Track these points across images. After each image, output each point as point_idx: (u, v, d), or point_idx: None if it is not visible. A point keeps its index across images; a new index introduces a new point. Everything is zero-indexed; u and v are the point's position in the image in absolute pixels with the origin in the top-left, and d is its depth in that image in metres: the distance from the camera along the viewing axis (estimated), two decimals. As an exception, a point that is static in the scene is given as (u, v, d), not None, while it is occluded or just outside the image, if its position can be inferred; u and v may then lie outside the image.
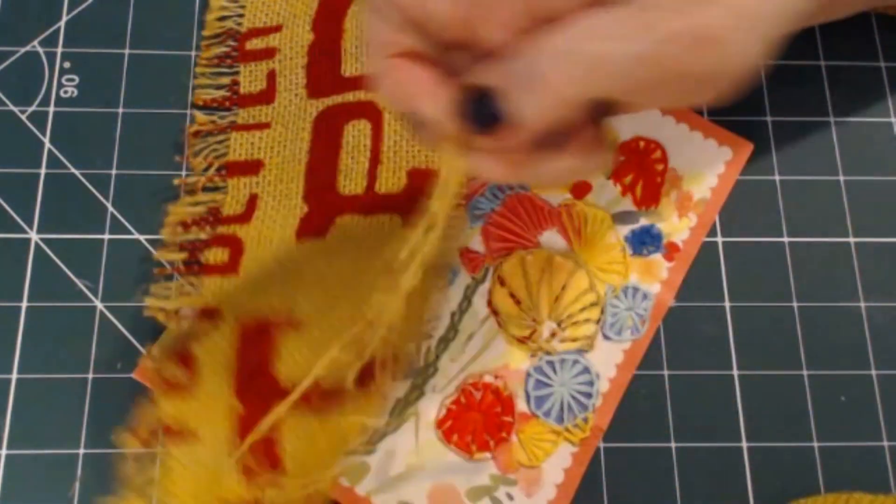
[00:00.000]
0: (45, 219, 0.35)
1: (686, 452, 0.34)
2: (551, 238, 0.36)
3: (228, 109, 0.37)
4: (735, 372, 0.35)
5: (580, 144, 0.24)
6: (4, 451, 0.32)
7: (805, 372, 0.35)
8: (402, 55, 0.24)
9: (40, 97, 0.37)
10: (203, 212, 0.35)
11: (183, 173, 0.36)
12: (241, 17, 0.38)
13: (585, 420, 0.33)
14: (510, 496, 0.32)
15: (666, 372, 0.35)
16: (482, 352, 0.34)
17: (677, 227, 0.36)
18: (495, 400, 0.33)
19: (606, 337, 0.35)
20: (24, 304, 0.34)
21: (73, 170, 0.36)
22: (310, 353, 0.28)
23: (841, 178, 0.38)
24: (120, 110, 0.37)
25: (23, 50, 0.38)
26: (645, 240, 0.36)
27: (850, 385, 0.35)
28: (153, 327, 0.34)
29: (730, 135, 0.37)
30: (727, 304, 0.36)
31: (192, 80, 0.38)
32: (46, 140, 0.36)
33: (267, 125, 0.36)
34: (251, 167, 0.35)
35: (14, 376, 0.33)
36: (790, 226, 0.37)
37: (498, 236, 0.36)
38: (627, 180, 0.37)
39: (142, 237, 0.35)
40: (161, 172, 0.36)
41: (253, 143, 0.36)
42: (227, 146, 0.36)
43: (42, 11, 0.38)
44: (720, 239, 0.37)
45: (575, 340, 0.34)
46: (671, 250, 0.36)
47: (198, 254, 0.34)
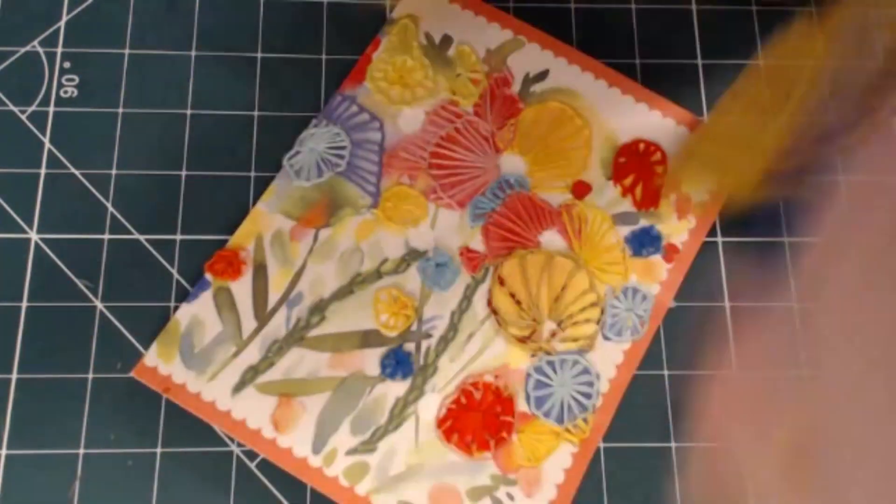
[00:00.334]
0: (45, 219, 0.35)
1: (686, 452, 0.34)
2: (551, 238, 0.36)
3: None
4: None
5: None
6: (4, 451, 0.33)
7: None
8: None
9: (40, 97, 0.37)
10: None
11: (183, 172, 0.36)
12: None
13: (585, 420, 0.33)
14: (510, 496, 0.32)
15: (666, 372, 0.35)
16: (482, 351, 0.34)
17: (677, 229, 0.36)
18: (495, 400, 0.33)
19: (606, 337, 0.35)
20: (24, 304, 0.34)
21: (73, 170, 0.36)
22: None
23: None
24: (120, 110, 0.37)
25: (23, 50, 0.38)
26: (644, 241, 0.36)
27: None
28: (153, 327, 0.34)
29: None
30: (727, 304, 0.36)
31: (192, 80, 0.38)
32: (46, 140, 0.36)
33: None
34: None
35: (14, 376, 0.33)
36: (790, 225, 0.37)
37: (498, 236, 0.36)
38: (628, 182, 0.37)
39: (142, 237, 0.36)
40: (161, 172, 0.36)
41: None
42: None
43: (42, 11, 0.38)
44: (720, 239, 0.37)
45: (575, 340, 0.34)
46: (670, 252, 0.36)
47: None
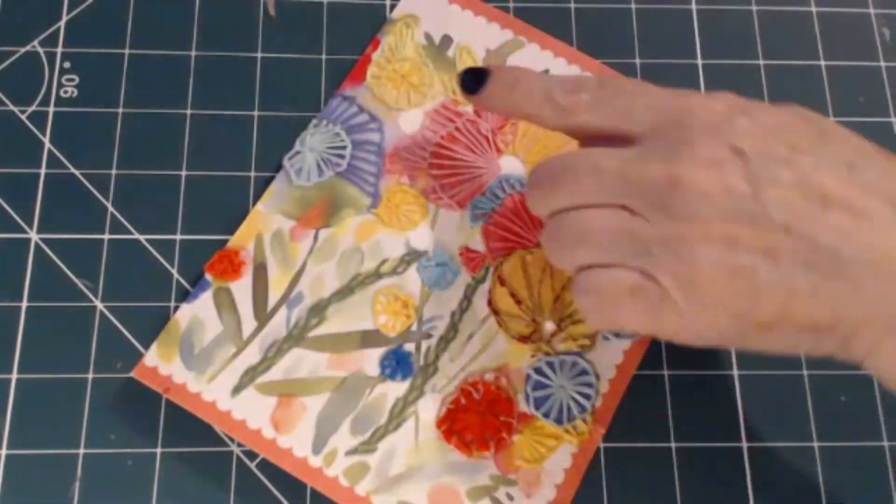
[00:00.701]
0: (45, 219, 0.35)
1: (686, 452, 0.34)
2: None
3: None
4: (735, 372, 0.35)
5: None
6: (4, 451, 0.33)
7: (805, 372, 0.35)
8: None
9: (40, 97, 0.37)
10: None
11: (183, 172, 0.36)
12: None
13: (585, 421, 0.33)
14: (510, 496, 0.32)
15: (666, 372, 0.35)
16: (482, 351, 0.34)
17: None
18: (495, 400, 0.33)
19: (606, 337, 0.35)
20: (24, 304, 0.34)
21: (73, 170, 0.36)
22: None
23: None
24: (120, 110, 0.37)
25: (23, 50, 0.38)
26: None
27: (850, 385, 0.35)
28: (153, 327, 0.34)
29: None
30: None
31: (192, 80, 0.38)
32: (46, 140, 0.36)
33: None
34: None
35: (14, 376, 0.33)
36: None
37: (498, 236, 0.36)
38: None
39: (142, 237, 0.36)
40: (161, 172, 0.36)
41: None
42: None
43: (42, 11, 0.38)
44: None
45: (575, 340, 0.34)
46: None
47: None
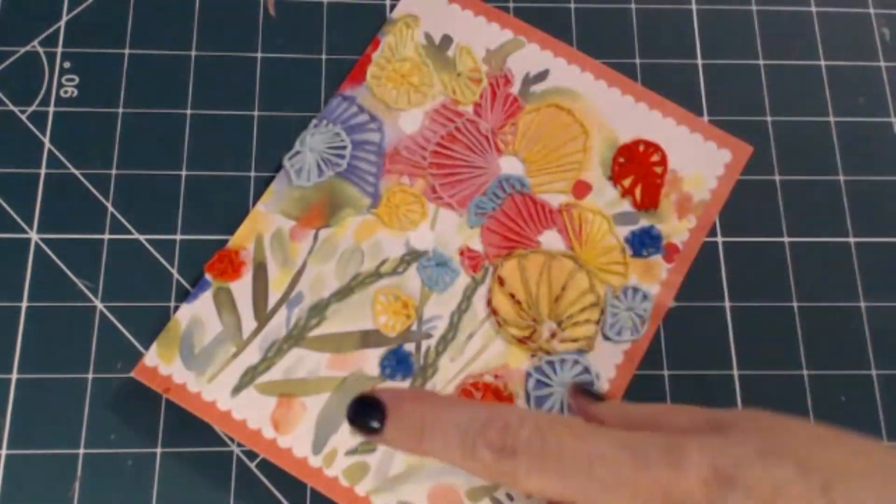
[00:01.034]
0: (45, 219, 0.35)
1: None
2: (551, 238, 0.36)
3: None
4: (735, 372, 0.35)
5: None
6: (4, 451, 0.33)
7: (805, 372, 0.35)
8: None
9: (40, 97, 0.37)
10: None
11: (183, 172, 0.36)
12: None
13: None
14: (510, 497, 0.32)
15: (666, 372, 0.35)
16: (482, 352, 0.34)
17: (677, 229, 0.36)
18: (495, 400, 0.33)
19: (606, 337, 0.35)
20: (24, 304, 0.34)
21: (73, 170, 0.36)
22: None
23: (841, 178, 0.38)
24: (120, 110, 0.37)
25: (23, 50, 0.38)
26: (645, 241, 0.36)
27: (850, 385, 0.35)
28: (153, 327, 0.34)
29: (730, 137, 0.38)
30: (727, 304, 0.36)
31: (192, 80, 0.38)
32: (46, 140, 0.36)
33: None
34: None
35: (14, 376, 0.33)
36: (790, 226, 0.37)
37: (498, 236, 0.36)
38: (627, 182, 0.37)
39: (142, 237, 0.36)
40: (161, 172, 0.36)
41: None
42: None
43: (42, 11, 0.38)
44: (720, 239, 0.37)
45: (575, 341, 0.34)
46: (671, 251, 0.36)
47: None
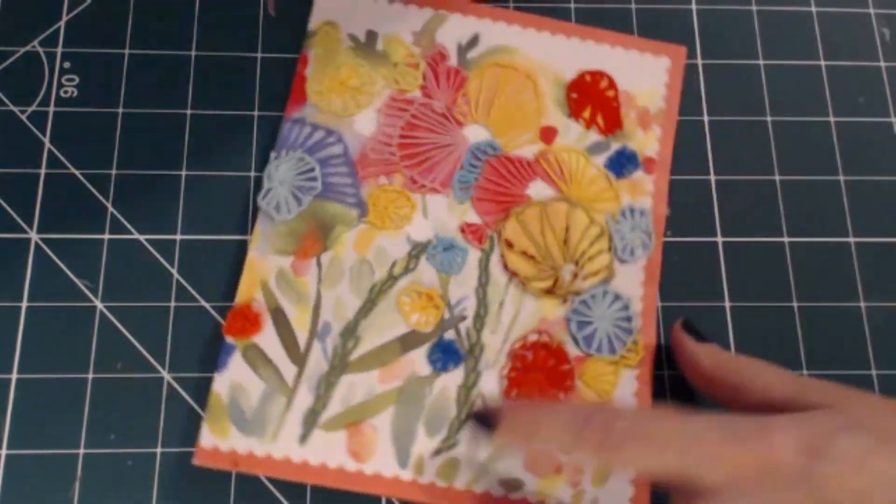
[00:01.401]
0: (45, 219, 0.35)
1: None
2: (539, 188, 0.36)
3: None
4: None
5: None
6: (4, 451, 0.33)
7: (805, 372, 0.35)
8: None
9: (40, 97, 0.37)
10: None
11: (182, 172, 0.36)
12: None
13: (635, 342, 0.34)
14: None
15: (666, 372, 0.35)
16: (517, 315, 0.35)
17: (646, 142, 0.37)
18: (547, 354, 0.34)
19: (622, 260, 0.36)
20: (24, 304, 0.34)
21: (73, 170, 0.36)
22: None
23: (841, 178, 0.38)
24: (120, 110, 0.37)
25: (23, 50, 0.38)
26: (622, 162, 0.37)
27: (851, 385, 0.35)
28: (153, 327, 0.34)
29: (661, 44, 0.39)
30: (727, 305, 0.36)
31: (192, 80, 0.38)
32: (46, 140, 0.36)
33: None
34: None
35: (14, 376, 0.33)
36: (790, 226, 0.37)
37: (490, 203, 0.36)
38: (587, 114, 0.38)
39: (142, 237, 0.36)
40: (161, 172, 0.36)
41: None
42: None
43: (42, 11, 0.38)
44: (720, 239, 0.37)
45: (595, 274, 0.35)
46: (649, 164, 0.37)
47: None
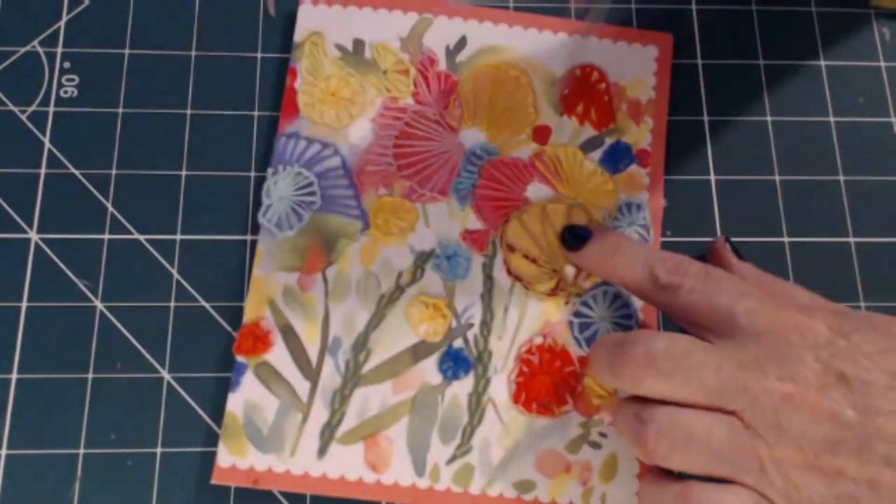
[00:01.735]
0: (45, 219, 0.35)
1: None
2: (537, 190, 0.36)
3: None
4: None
5: None
6: (4, 451, 0.33)
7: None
8: None
9: (40, 97, 0.37)
10: None
11: (182, 172, 0.36)
12: None
13: None
14: (603, 434, 0.34)
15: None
16: (522, 319, 0.35)
17: (639, 134, 0.37)
18: (553, 357, 0.34)
19: None
20: (24, 304, 0.34)
21: (73, 170, 0.36)
22: None
23: (841, 178, 0.38)
24: (120, 110, 0.37)
25: (23, 50, 0.38)
26: (617, 156, 0.37)
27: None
28: (153, 327, 0.34)
29: (649, 33, 0.39)
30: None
31: (192, 80, 0.38)
32: (46, 140, 0.36)
33: None
34: None
35: (14, 376, 0.33)
36: (790, 226, 0.37)
37: (489, 208, 0.36)
38: (579, 110, 0.38)
39: (142, 237, 0.36)
40: (161, 172, 0.36)
41: None
42: None
43: (42, 11, 0.38)
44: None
45: None
46: (643, 157, 0.37)
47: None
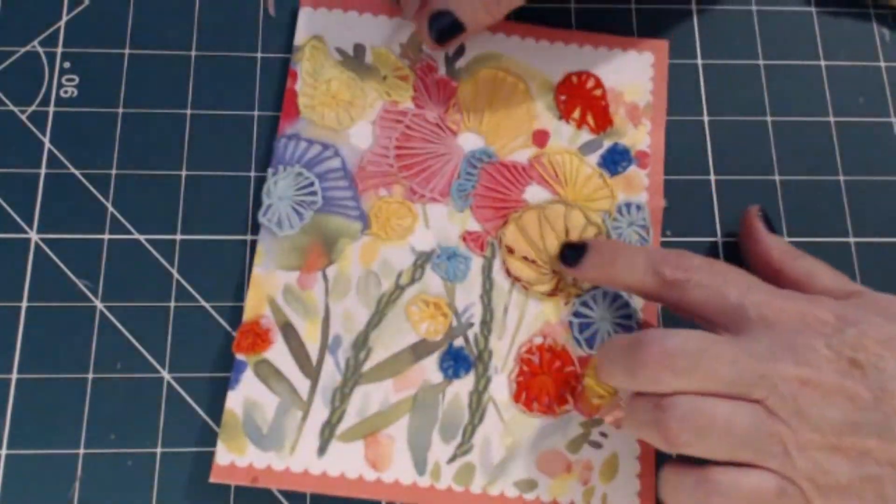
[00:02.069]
0: (45, 219, 0.35)
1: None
2: (535, 192, 0.37)
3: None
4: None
5: None
6: (4, 451, 0.33)
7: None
8: None
9: (40, 97, 0.37)
10: None
11: (183, 172, 0.36)
12: None
13: None
14: (603, 434, 0.34)
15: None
16: (522, 319, 0.35)
17: (637, 136, 0.38)
18: (553, 356, 0.34)
19: None
20: (24, 304, 0.34)
21: (73, 170, 0.36)
22: None
23: (841, 178, 0.38)
24: (120, 110, 0.37)
25: (23, 50, 0.38)
26: (615, 158, 0.37)
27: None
28: (153, 327, 0.34)
29: (644, 40, 0.39)
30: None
31: (192, 80, 0.38)
32: (46, 140, 0.36)
33: None
34: None
35: (14, 376, 0.33)
36: (790, 226, 0.37)
37: (488, 210, 0.36)
38: (577, 114, 0.38)
39: (142, 237, 0.36)
40: (161, 172, 0.36)
41: None
42: None
43: (42, 11, 0.38)
44: (720, 240, 0.37)
45: None
46: (642, 158, 0.37)
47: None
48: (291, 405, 0.33)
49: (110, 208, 0.36)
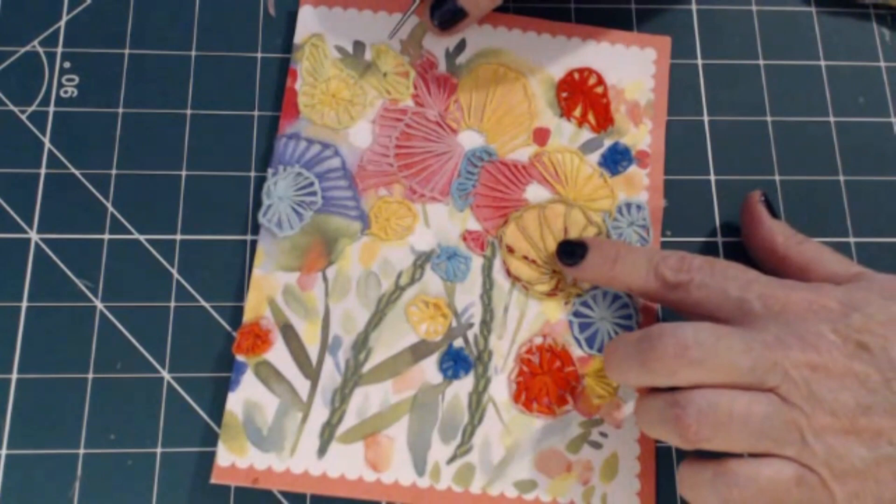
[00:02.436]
0: (45, 219, 0.35)
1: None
2: (536, 191, 0.37)
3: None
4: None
5: None
6: (4, 451, 0.33)
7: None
8: None
9: (40, 97, 0.37)
10: None
11: (182, 172, 0.36)
12: None
13: None
14: (603, 434, 0.34)
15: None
16: (522, 319, 0.35)
17: (638, 136, 0.38)
18: (553, 356, 0.34)
19: None
20: (24, 304, 0.34)
21: (73, 170, 0.36)
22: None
23: (841, 178, 0.38)
24: (120, 110, 0.37)
25: (23, 50, 0.38)
26: (616, 158, 0.37)
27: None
28: (153, 327, 0.34)
29: (647, 36, 0.39)
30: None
31: (192, 80, 0.38)
32: (46, 140, 0.36)
33: None
34: None
35: (14, 376, 0.33)
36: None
37: (489, 209, 0.36)
38: (578, 112, 0.38)
39: (142, 237, 0.36)
40: (161, 172, 0.36)
41: None
42: None
43: (42, 11, 0.38)
44: (720, 239, 0.37)
45: None
46: (642, 157, 0.37)
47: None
48: (291, 406, 0.33)
49: (110, 208, 0.36)
